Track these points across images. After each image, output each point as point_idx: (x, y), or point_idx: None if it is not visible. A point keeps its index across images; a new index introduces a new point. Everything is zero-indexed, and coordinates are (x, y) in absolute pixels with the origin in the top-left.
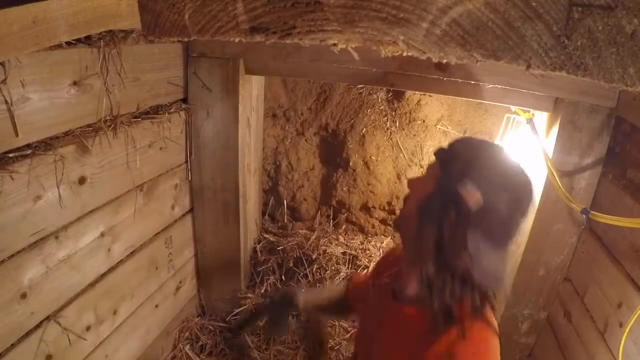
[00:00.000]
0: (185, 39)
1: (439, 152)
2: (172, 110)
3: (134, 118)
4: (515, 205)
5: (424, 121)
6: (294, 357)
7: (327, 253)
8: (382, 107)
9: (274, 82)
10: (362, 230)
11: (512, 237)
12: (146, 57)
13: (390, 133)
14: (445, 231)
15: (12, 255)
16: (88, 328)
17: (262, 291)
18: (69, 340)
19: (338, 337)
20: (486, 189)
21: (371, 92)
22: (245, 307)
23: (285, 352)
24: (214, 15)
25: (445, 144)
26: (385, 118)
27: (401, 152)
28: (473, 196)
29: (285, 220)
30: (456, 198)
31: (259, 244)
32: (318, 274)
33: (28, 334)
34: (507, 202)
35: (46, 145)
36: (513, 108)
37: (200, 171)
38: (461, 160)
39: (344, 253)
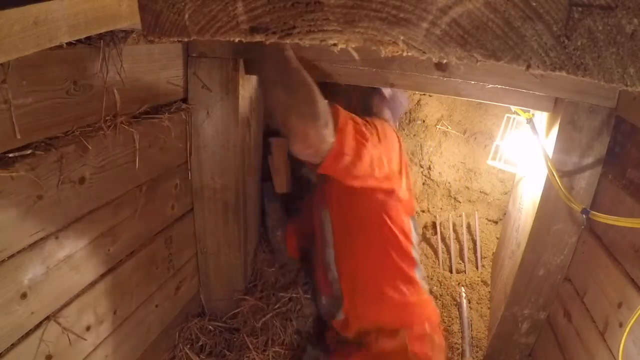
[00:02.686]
0: (185, 39)
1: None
2: (172, 110)
3: (134, 118)
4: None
5: (424, 121)
6: (292, 359)
7: None
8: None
9: None
10: None
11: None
12: (146, 57)
13: None
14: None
15: (12, 255)
16: (88, 328)
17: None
18: (69, 340)
19: None
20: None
21: None
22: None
23: (283, 354)
24: (214, 15)
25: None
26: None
27: None
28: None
29: None
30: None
31: (259, 243)
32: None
33: (28, 334)
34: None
35: (46, 145)
36: (513, 108)
37: (200, 171)
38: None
39: None
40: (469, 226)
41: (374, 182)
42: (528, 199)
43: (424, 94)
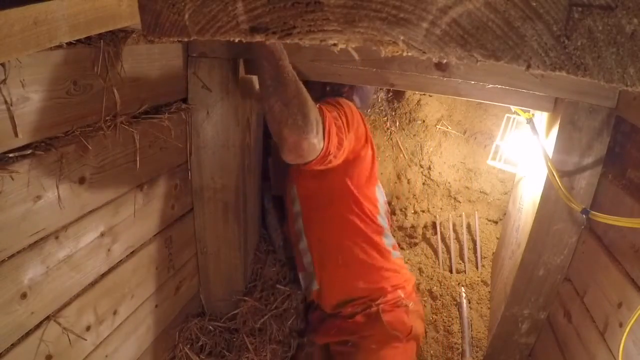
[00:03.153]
0: (186, 39)
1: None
2: (172, 110)
3: (133, 118)
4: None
5: (424, 121)
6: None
7: None
8: (381, 107)
9: None
10: None
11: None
12: (146, 57)
13: (390, 133)
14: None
15: (12, 255)
16: (88, 328)
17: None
18: (69, 340)
19: None
20: None
21: None
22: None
23: (280, 354)
24: (214, 15)
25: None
26: (385, 118)
27: (401, 152)
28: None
29: None
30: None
31: (259, 243)
32: None
33: (28, 334)
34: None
35: (46, 145)
36: (513, 108)
37: (200, 171)
38: None
39: None
40: (469, 226)
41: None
42: (528, 199)
43: (424, 94)
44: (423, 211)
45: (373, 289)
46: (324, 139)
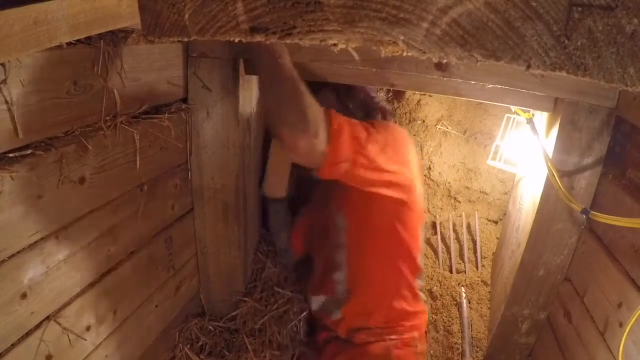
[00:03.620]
0: (186, 39)
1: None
2: (172, 110)
3: (134, 118)
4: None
5: (424, 121)
6: None
7: None
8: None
9: None
10: None
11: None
12: (146, 57)
13: None
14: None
15: (12, 255)
16: (88, 328)
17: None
18: (69, 340)
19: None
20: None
21: None
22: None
23: (278, 356)
24: (214, 15)
25: None
26: None
27: None
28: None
29: None
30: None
31: (259, 244)
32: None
33: (28, 334)
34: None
35: (46, 145)
36: (513, 108)
37: (200, 171)
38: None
39: None
40: (469, 226)
41: (385, 190)
42: (528, 199)
43: (424, 94)
44: (423, 211)
45: (393, 325)
46: (329, 142)
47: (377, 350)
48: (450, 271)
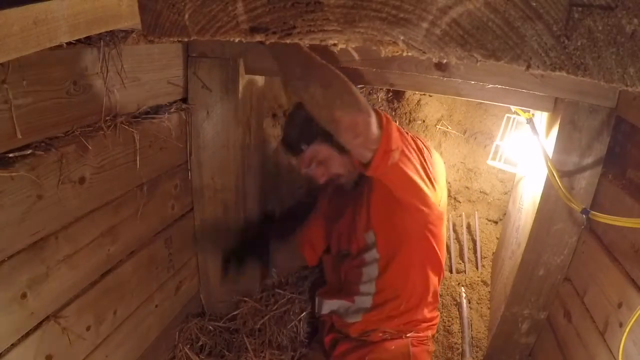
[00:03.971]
0: (186, 39)
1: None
2: (172, 110)
3: (134, 118)
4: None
5: (424, 121)
6: None
7: None
8: (382, 107)
9: (274, 82)
10: None
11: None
12: (146, 57)
13: None
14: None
15: (12, 255)
16: (88, 328)
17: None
18: (69, 340)
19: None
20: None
21: (371, 92)
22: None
23: (278, 355)
24: (214, 15)
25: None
26: None
27: None
28: None
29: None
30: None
31: None
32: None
33: (28, 334)
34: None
35: (46, 145)
36: (513, 108)
37: (200, 171)
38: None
39: None
40: (469, 226)
41: (417, 199)
42: (528, 199)
43: (424, 94)
44: None
45: (410, 329)
46: (381, 127)
47: (395, 346)
48: (450, 271)
